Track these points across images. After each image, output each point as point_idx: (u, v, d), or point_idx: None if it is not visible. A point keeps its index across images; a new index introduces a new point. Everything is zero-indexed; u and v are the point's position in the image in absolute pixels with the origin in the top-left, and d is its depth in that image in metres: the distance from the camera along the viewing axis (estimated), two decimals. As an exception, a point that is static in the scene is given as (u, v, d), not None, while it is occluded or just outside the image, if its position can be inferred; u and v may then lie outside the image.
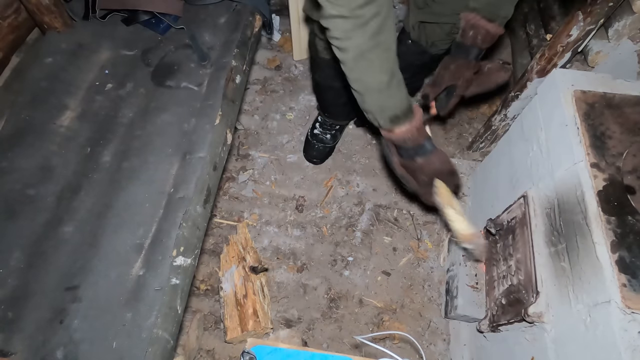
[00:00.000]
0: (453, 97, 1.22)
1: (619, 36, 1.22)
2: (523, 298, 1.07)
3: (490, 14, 1.10)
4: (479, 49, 1.16)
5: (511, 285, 1.13)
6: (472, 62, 1.18)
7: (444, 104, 1.26)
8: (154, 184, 1.10)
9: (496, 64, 1.25)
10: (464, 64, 1.18)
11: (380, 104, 0.98)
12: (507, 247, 1.19)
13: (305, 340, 1.50)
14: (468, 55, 1.16)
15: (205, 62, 1.30)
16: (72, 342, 0.90)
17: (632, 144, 0.98)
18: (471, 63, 1.18)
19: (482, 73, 1.22)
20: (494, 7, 1.10)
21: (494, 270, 1.23)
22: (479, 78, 1.22)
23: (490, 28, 1.11)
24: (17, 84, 1.28)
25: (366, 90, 0.97)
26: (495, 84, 1.23)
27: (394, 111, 0.99)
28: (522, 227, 1.14)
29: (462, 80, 1.19)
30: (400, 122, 0.99)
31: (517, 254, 1.14)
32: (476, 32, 1.13)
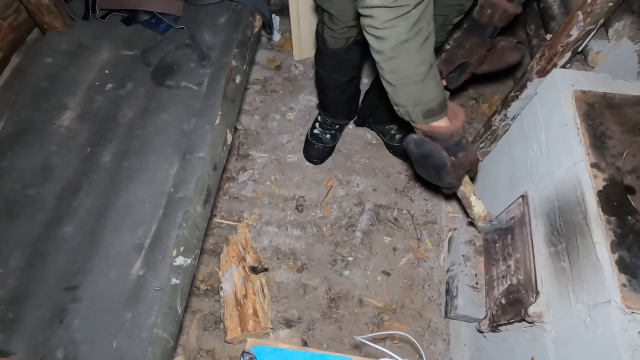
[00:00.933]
0: (464, 73, 1.21)
1: (619, 36, 1.22)
2: (523, 298, 1.07)
3: None
4: (495, 27, 1.14)
5: (511, 285, 1.13)
6: (487, 40, 1.17)
7: (454, 79, 1.25)
8: (154, 184, 1.10)
9: (510, 43, 1.24)
10: (478, 42, 1.16)
11: (416, 97, 0.95)
12: (506, 247, 1.19)
13: (305, 340, 1.50)
14: (483, 33, 1.15)
15: (205, 61, 1.30)
16: (72, 342, 0.90)
17: (632, 144, 0.98)
18: (485, 41, 1.17)
19: (495, 51, 1.21)
20: None
21: (494, 270, 1.23)
22: (491, 56, 1.21)
23: (509, 7, 1.10)
24: (17, 84, 1.28)
25: (402, 82, 0.93)
26: (506, 64, 1.22)
27: (429, 105, 0.96)
28: (521, 227, 1.14)
29: (475, 57, 1.18)
30: (435, 115, 0.97)
31: (516, 254, 1.14)
32: (494, 11, 1.11)
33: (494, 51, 1.20)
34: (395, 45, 0.86)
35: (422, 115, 0.97)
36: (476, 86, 2.09)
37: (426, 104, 0.96)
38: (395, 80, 0.94)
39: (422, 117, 0.97)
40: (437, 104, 0.96)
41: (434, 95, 0.96)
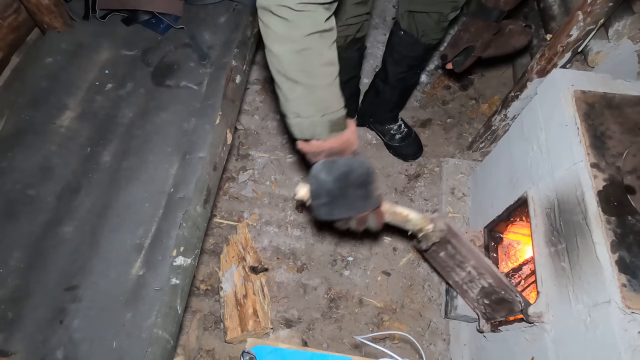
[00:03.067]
0: (470, 57, 1.20)
1: (619, 36, 1.22)
2: (506, 297, 1.06)
3: None
4: (501, 11, 1.12)
5: (484, 287, 1.12)
6: (493, 24, 1.15)
7: (459, 63, 1.24)
8: (154, 184, 1.10)
9: (518, 26, 1.20)
10: (483, 25, 1.15)
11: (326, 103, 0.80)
12: (452, 257, 1.15)
13: (305, 340, 1.50)
14: (489, 17, 1.13)
15: (205, 61, 1.30)
16: (72, 342, 0.90)
17: (632, 144, 0.98)
18: (491, 25, 1.15)
19: (502, 34, 1.18)
20: None
21: (455, 276, 1.21)
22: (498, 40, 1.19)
23: None
24: (17, 84, 1.28)
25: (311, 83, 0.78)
26: (513, 48, 1.20)
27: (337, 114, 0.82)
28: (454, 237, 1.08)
29: (480, 41, 1.17)
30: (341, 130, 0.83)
31: (469, 262, 1.11)
32: None
33: (501, 35, 1.18)
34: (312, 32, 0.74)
35: (329, 127, 0.81)
36: (476, 86, 2.09)
37: (334, 113, 0.81)
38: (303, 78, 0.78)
39: (329, 130, 0.81)
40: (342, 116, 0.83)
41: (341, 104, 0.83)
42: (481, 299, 1.18)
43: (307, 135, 0.83)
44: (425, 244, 1.04)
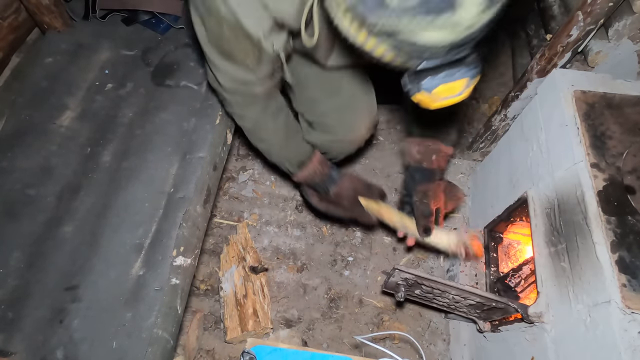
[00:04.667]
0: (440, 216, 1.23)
1: (619, 36, 1.22)
2: (498, 306, 1.06)
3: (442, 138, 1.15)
4: (441, 169, 1.19)
5: (472, 305, 1.12)
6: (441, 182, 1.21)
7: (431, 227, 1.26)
8: (154, 184, 1.10)
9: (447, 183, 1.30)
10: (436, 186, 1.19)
11: (286, 156, 1.11)
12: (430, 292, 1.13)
13: (305, 340, 1.50)
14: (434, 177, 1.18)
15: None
16: (72, 342, 0.90)
17: (632, 144, 0.98)
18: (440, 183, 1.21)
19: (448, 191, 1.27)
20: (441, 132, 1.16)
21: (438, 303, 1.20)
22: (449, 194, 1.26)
23: (447, 150, 1.17)
24: (17, 84, 1.28)
25: (270, 147, 1.10)
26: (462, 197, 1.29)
27: (298, 157, 1.11)
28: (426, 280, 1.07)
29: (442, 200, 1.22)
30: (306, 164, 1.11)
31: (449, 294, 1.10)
32: (438, 155, 1.16)
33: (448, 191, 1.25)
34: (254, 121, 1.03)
35: (297, 166, 1.12)
36: (476, 86, 2.08)
37: (295, 158, 1.11)
38: (265, 147, 1.11)
39: (298, 168, 1.12)
40: (305, 156, 1.11)
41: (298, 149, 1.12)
42: (472, 311, 1.18)
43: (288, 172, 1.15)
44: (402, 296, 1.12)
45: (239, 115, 1.03)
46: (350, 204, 1.16)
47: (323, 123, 1.23)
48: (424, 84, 0.58)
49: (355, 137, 1.27)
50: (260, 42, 0.78)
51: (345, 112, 1.22)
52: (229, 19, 0.73)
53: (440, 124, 1.15)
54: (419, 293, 1.17)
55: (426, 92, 0.59)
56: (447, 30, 0.49)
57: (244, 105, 0.97)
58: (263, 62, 0.84)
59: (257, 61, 0.82)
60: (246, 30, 0.75)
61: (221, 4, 0.71)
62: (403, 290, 1.12)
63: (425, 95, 0.60)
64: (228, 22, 0.74)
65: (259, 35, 0.76)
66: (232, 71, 0.85)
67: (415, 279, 1.06)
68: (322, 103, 1.21)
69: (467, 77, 0.57)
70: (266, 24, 0.76)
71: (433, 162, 1.17)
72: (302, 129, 1.27)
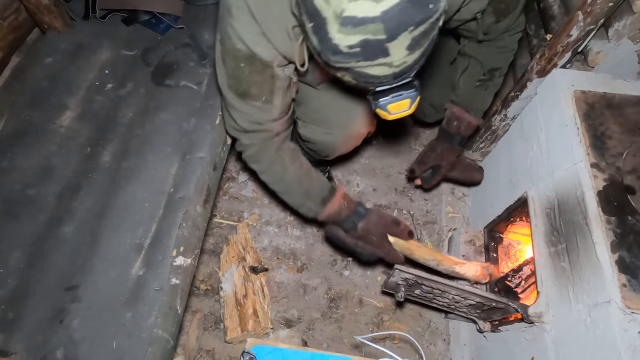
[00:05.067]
0: (437, 175, 1.33)
1: (619, 36, 1.22)
2: (498, 306, 1.06)
3: (466, 106, 1.26)
4: (462, 136, 1.30)
5: (472, 304, 1.12)
6: (456, 148, 1.31)
7: (428, 179, 1.37)
8: (154, 184, 1.10)
9: (475, 164, 1.45)
10: (448, 148, 1.30)
11: (308, 193, 1.09)
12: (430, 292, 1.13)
13: (305, 340, 1.49)
14: (452, 141, 1.30)
15: (205, 61, 1.30)
16: (72, 342, 0.90)
17: (632, 144, 0.98)
18: (455, 148, 1.31)
19: (463, 163, 1.35)
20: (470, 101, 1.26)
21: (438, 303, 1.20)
22: (461, 166, 1.34)
23: (472, 120, 1.26)
24: (17, 84, 1.28)
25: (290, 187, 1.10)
26: (471, 180, 1.37)
27: (320, 194, 1.10)
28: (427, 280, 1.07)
29: (446, 162, 1.31)
30: (329, 200, 1.10)
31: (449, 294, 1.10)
32: (459, 123, 1.27)
33: (462, 162, 1.33)
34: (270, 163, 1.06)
35: (321, 204, 1.09)
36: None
37: (318, 193, 1.09)
38: (282, 188, 1.11)
39: (321, 205, 1.09)
40: (327, 190, 1.10)
41: (320, 184, 1.11)
42: (472, 311, 1.18)
43: (311, 216, 1.13)
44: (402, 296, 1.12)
45: (255, 159, 1.07)
46: (379, 240, 1.12)
47: (318, 119, 1.24)
48: (379, 102, 0.74)
49: (350, 131, 1.26)
50: (272, 68, 0.91)
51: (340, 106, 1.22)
52: (244, 52, 0.88)
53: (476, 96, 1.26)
54: (419, 293, 1.17)
55: (381, 108, 0.75)
56: (385, 67, 0.65)
57: (260, 146, 1.04)
58: (276, 93, 0.96)
59: (270, 94, 0.95)
60: (259, 59, 0.89)
61: (238, 42, 0.87)
62: (403, 290, 1.12)
63: (380, 110, 0.76)
64: (244, 56, 0.88)
65: (270, 61, 0.90)
66: (249, 111, 0.97)
67: (415, 279, 1.06)
68: (316, 100, 1.22)
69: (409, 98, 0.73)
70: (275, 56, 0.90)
71: (454, 128, 1.27)
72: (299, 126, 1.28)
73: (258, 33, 0.85)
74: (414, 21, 0.59)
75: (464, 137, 1.30)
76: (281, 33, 0.86)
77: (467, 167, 1.41)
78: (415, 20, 0.59)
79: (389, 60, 0.63)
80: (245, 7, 0.83)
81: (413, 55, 0.65)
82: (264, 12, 0.83)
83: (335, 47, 0.63)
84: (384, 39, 0.60)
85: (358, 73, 0.68)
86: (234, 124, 1.02)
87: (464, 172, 1.39)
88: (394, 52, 0.62)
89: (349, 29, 0.60)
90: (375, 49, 0.61)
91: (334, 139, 1.27)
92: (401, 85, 0.70)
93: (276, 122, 1.02)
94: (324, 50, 0.65)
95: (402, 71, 0.67)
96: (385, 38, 0.60)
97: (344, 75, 0.71)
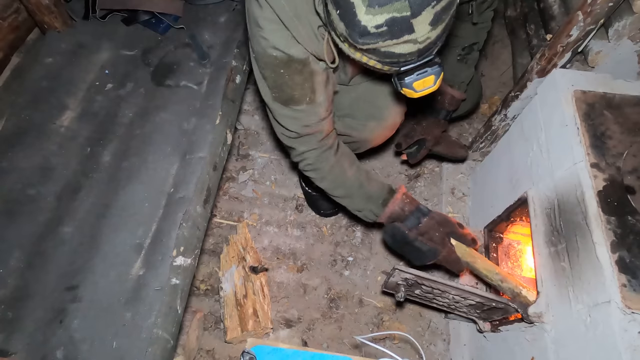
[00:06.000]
0: (423, 149, 1.35)
1: (619, 36, 1.22)
2: (498, 306, 1.06)
3: (450, 80, 1.27)
4: (447, 110, 1.32)
5: (472, 305, 1.12)
6: (442, 122, 1.32)
7: (414, 154, 1.38)
8: (154, 184, 1.10)
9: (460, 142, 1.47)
10: (434, 122, 1.32)
11: (368, 195, 1.10)
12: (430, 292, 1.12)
13: (305, 340, 1.50)
14: (438, 115, 1.31)
15: (205, 61, 1.30)
16: (72, 342, 0.90)
17: (632, 144, 0.98)
18: (441, 122, 1.32)
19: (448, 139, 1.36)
20: (452, 75, 1.27)
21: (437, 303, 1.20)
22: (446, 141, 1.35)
23: (455, 94, 1.28)
24: (17, 84, 1.28)
25: (351, 191, 1.10)
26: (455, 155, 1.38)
27: (381, 195, 1.10)
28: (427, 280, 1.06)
29: (431, 136, 1.32)
30: (389, 199, 1.10)
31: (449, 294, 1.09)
32: (444, 97, 1.28)
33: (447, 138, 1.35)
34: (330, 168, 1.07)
35: (381, 206, 1.10)
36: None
37: (379, 195, 1.10)
38: (343, 193, 1.11)
39: (382, 207, 1.10)
40: (387, 192, 1.11)
41: (380, 185, 1.12)
42: (472, 311, 1.18)
43: (372, 219, 1.13)
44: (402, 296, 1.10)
45: (316, 167, 1.07)
46: (441, 239, 1.08)
47: (352, 112, 1.25)
48: (405, 82, 0.77)
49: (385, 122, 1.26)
50: (310, 64, 0.93)
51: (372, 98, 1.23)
52: (281, 57, 0.91)
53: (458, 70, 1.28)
54: (419, 293, 1.17)
55: (407, 87, 0.78)
56: (410, 44, 0.68)
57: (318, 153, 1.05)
58: (317, 90, 0.97)
59: (313, 91, 0.97)
60: (296, 59, 0.91)
61: (273, 50, 0.90)
62: (403, 290, 1.12)
63: (407, 89, 0.78)
64: (281, 61, 0.91)
65: (307, 57, 0.92)
66: (298, 115, 0.99)
67: (415, 279, 1.06)
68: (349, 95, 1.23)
69: (434, 74, 0.76)
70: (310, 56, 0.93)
71: (439, 102, 1.29)
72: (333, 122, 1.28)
73: (289, 37, 0.89)
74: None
75: (449, 111, 1.32)
76: (309, 34, 0.89)
77: (452, 143, 1.42)
78: None
79: (414, 37, 0.67)
80: (272, 16, 0.86)
81: (436, 31, 0.68)
82: (291, 17, 0.86)
83: (363, 28, 0.66)
84: (408, 16, 0.63)
85: (384, 53, 0.70)
86: (286, 131, 1.04)
87: (449, 147, 1.41)
88: (418, 27, 0.65)
89: (376, 9, 0.63)
90: (401, 26, 0.65)
91: (370, 130, 1.27)
92: (425, 62, 0.73)
93: (324, 121, 1.03)
94: (352, 34, 0.68)
95: (426, 47, 0.70)
96: (410, 14, 0.63)
97: (369, 58, 0.73)
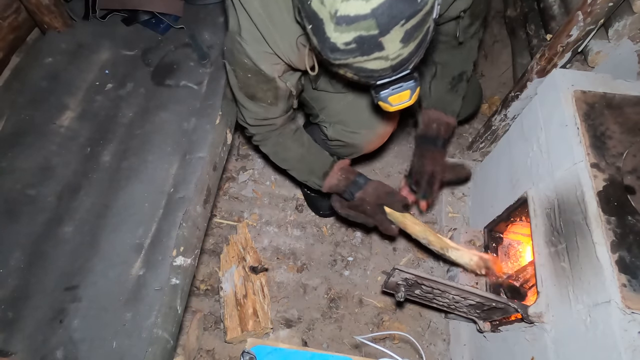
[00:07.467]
0: (436, 183, 1.30)
1: (619, 36, 1.22)
2: (498, 306, 1.06)
3: (442, 109, 1.27)
4: (443, 138, 1.30)
5: (472, 304, 1.12)
6: (442, 150, 1.30)
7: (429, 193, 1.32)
8: (154, 184, 1.10)
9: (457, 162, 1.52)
10: (435, 151, 1.29)
11: (309, 169, 1.21)
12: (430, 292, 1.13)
13: (305, 340, 1.50)
14: (436, 144, 1.29)
15: (205, 61, 1.30)
16: (72, 342, 0.90)
17: (632, 144, 0.98)
18: (441, 151, 1.30)
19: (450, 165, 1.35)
20: (445, 104, 1.27)
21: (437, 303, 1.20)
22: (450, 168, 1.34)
23: (449, 120, 1.28)
24: (17, 84, 1.28)
25: (294, 165, 1.22)
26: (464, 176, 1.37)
27: (322, 168, 1.19)
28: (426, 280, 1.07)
29: (439, 166, 1.30)
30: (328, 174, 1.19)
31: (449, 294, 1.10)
32: (439, 125, 1.28)
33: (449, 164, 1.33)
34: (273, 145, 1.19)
35: (323, 178, 1.20)
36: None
37: (319, 169, 1.19)
38: (288, 165, 1.23)
39: (322, 178, 1.20)
40: (328, 166, 1.19)
41: (321, 160, 1.21)
42: (472, 311, 1.18)
43: (316, 187, 1.24)
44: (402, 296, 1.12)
45: (262, 143, 1.19)
46: (373, 210, 1.18)
47: (343, 120, 1.28)
48: (380, 95, 0.77)
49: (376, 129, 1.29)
50: (276, 81, 1.01)
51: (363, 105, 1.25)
52: (251, 68, 0.98)
53: (449, 99, 1.28)
54: (419, 293, 1.17)
55: (382, 101, 0.78)
56: (382, 61, 0.68)
57: (264, 135, 1.16)
58: (279, 99, 1.06)
59: (275, 98, 1.06)
60: (264, 73, 0.99)
61: (246, 59, 0.96)
62: (403, 290, 1.12)
63: (382, 103, 0.79)
64: (251, 69, 0.98)
65: (274, 76, 1.00)
66: (256, 110, 1.08)
67: (415, 279, 1.06)
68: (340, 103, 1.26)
69: (409, 89, 0.76)
70: (280, 69, 1.00)
71: (434, 130, 1.28)
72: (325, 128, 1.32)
73: (264, 52, 0.94)
74: (404, 15, 0.62)
75: (445, 139, 1.31)
76: (289, 45, 0.92)
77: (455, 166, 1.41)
78: (406, 15, 0.62)
79: (385, 54, 0.67)
80: (252, 27, 0.90)
81: (408, 48, 0.68)
82: (265, 23, 0.88)
83: (333, 45, 0.66)
84: (377, 34, 0.63)
85: (357, 68, 0.71)
86: (243, 119, 1.14)
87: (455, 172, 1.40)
88: (388, 45, 0.65)
89: (343, 27, 0.63)
90: (370, 44, 0.65)
91: (361, 138, 1.29)
92: (400, 77, 0.73)
93: (279, 118, 1.12)
94: (324, 49, 0.69)
95: (399, 64, 0.70)
96: (378, 33, 0.63)
97: (345, 71, 0.74)
